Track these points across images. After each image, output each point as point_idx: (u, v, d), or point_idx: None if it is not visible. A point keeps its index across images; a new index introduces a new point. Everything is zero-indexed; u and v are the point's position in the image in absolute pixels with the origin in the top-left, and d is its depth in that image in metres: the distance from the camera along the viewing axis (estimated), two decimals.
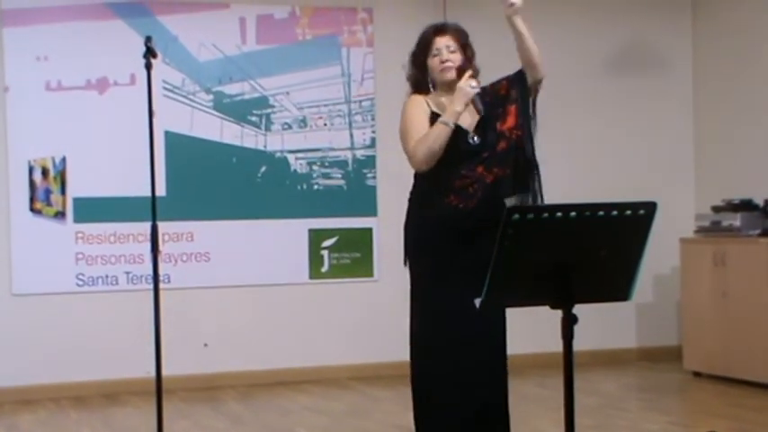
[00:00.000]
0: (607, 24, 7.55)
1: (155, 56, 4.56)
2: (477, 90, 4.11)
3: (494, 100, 4.25)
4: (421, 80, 4.27)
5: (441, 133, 4.07)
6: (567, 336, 2.85)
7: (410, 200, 4.30)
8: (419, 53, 4.27)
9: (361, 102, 7.05)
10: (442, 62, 4.20)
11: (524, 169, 4.20)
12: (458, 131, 4.11)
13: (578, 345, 2.92)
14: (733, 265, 6.41)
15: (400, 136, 4.22)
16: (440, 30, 4.31)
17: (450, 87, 4.19)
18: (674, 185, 7.53)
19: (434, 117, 4.15)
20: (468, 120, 4.17)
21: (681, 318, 7.10)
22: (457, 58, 4.23)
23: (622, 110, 7.57)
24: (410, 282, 4.26)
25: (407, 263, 4.27)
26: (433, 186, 4.17)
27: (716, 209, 6.74)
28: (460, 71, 4.17)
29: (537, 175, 4.25)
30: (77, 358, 6.50)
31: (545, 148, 7.35)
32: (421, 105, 4.21)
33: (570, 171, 7.41)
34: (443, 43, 4.25)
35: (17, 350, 6.40)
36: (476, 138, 4.15)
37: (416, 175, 4.25)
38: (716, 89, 7.48)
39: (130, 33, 6.54)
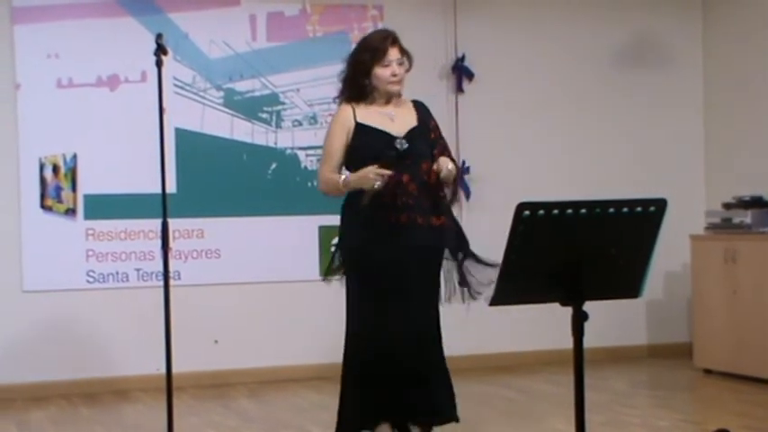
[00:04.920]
0: (616, 20, 7.53)
1: (165, 53, 4.57)
2: (379, 187, 4.16)
3: (424, 122, 4.38)
4: (362, 86, 4.35)
5: (336, 190, 4.34)
6: (578, 333, 2.85)
7: (343, 210, 4.44)
8: (369, 59, 4.32)
9: None
10: (394, 75, 4.30)
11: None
12: (384, 136, 4.25)
13: (588, 342, 2.92)
14: (744, 263, 6.39)
15: (322, 151, 4.46)
16: (394, 40, 4.37)
17: (389, 100, 4.35)
18: (684, 182, 7.51)
19: (359, 128, 4.29)
20: (400, 125, 4.30)
21: (691, 315, 7.08)
22: (404, 72, 4.34)
23: (632, 106, 7.55)
24: (346, 295, 4.44)
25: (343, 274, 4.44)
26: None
27: (726, 206, 6.72)
28: (383, 156, 4.19)
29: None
30: (88, 355, 6.51)
31: (555, 144, 7.42)
32: (346, 122, 4.34)
33: (580, 168, 7.41)
34: (395, 55, 4.33)
35: (28, 347, 6.42)
36: (404, 142, 4.26)
37: None
38: (726, 85, 7.46)
39: (141, 30, 6.55)
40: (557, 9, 7.42)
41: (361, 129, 4.30)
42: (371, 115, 4.33)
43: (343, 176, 4.29)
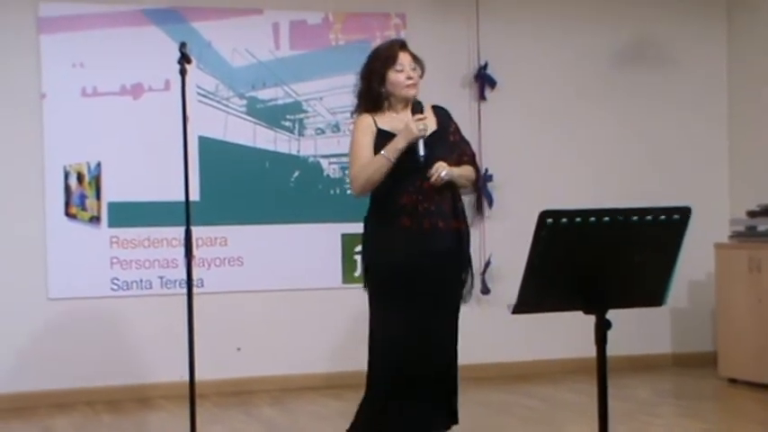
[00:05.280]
0: (639, 27, 7.51)
1: (189, 61, 4.60)
2: (424, 134, 4.18)
3: (444, 126, 4.39)
4: (378, 95, 4.34)
5: (381, 166, 4.22)
6: (601, 341, 2.84)
7: (366, 220, 4.42)
8: (382, 66, 4.33)
9: None
10: (409, 78, 4.30)
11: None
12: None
13: (612, 350, 2.91)
14: None
15: (348, 158, 4.39)
16: (403, 45, 4.40)
17: (407, 105, 4.32)
18: (708, 190, 7.48)
19: (381, 134, 4.27)
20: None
21: (716, 324, 7.04)
22: (416, 76, 4.34)
23: (656, 113, 7.52)
24: (369, 304, 4.40)
25: (367, 282, 4.42)
26: (384, 205, 4.30)
27: (751, 214, 6.69)
28: (414, 107, 4.25)
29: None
30: (111, 362, 6.54)
31: (577, 151, 7.40)
32: (368, 127, 4.32)
33: (603, 175, 7.38)
34: (407, 59, 4.34)
35: (52, 354, 6.45)
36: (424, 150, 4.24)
37: (370, 194, 4.38)
38: (751, 90, 7.41)
39: (165, 39, 6.58)
40: (580, 17, 7.40)
41: (382, 134, 4.30)
42: (391, 122, 4.33)
43: (383, 152, 4.23)
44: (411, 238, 4.23)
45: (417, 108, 4.25)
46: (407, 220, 4.24)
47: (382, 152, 4.22)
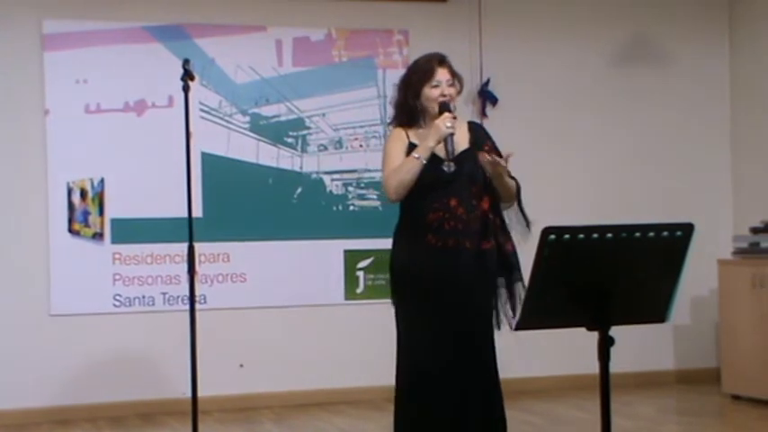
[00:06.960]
0: (642, 51, 7.51)
1: (192, 78, 4.62)
2: (452, 131, 4.14)
3: (476, 148, 4.31)
4: (413, 109, 4.29)
5: (412, 166, 4.15)
6: (604, 358, 2.83)
7: (394, 236, 4.32)
8: (417, 81, 4.28)
9: None
10: (444, 95, 4.26)
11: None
12: (432, 158, 4.16)
13: (615, 367, 2.91)
14: None
15: (381, 167, 4.33)
16: (441, 60, 4.35)
17: None
18: (711, 206, 7.47)
19: (412, 147, 4.22)
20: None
21: (719, 340, 7.03)
22: (454, 92, 4.31)
23: (659, 131, 7.52)
24: (395, 320, 4.27)
25: (394, 301, 4.29)
26: (411, 221, 4.23)
27: (755, 230, 6.68)
28: (441, 107, 4.21)
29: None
30: (114, 379, 6.53)
31: (579, 168, 7.40)
32: (400, 138, 4.27)
33: (606, 191, 7.37)
34: (444, 75, 4.30)
35: (54, 370, 6.45)
36: (451, 165, 4.19)
37: (400, 209, 4.31)
38: (754, 108, 7.42)
39: (168, 56, 6.60)
40: (582, 33, 7.41)
41: (413, 147, 4.22)
42: (423, 138, 4.24)
43: (414, 153, 4.16)
44: (435, 256, 4.16)
45: (444, 107, 4.21)
46: (433, 237, 4.16)
47: (413, 153, 4.16)
